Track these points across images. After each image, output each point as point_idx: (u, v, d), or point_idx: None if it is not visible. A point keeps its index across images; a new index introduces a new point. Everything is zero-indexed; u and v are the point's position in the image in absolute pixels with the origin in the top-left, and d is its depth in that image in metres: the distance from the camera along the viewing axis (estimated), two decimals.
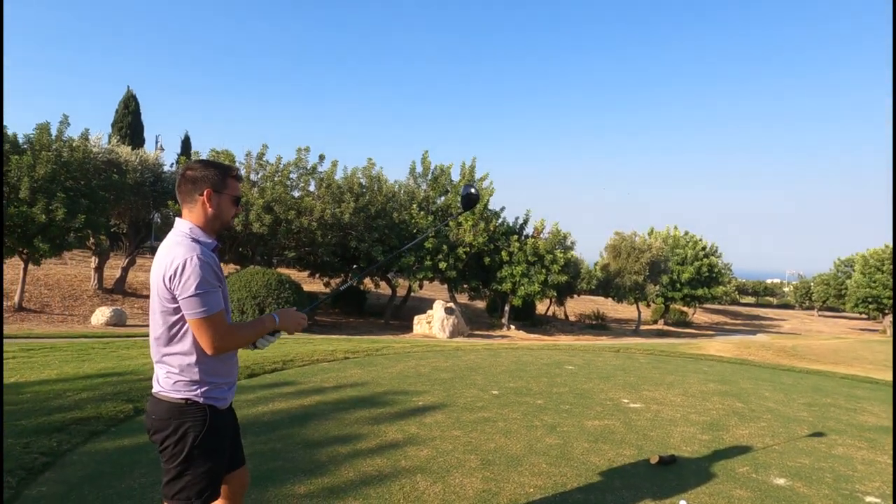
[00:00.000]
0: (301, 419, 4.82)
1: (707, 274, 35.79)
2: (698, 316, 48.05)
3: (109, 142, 20.53)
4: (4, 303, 16.14)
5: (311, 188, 20.95)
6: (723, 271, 38.66)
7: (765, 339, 26.99)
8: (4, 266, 17.43)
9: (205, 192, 2.06)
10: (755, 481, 3.91)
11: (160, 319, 2.02)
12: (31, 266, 16.36)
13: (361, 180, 22.26)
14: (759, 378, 7.98)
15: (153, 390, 2.11)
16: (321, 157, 21.11)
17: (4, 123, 15.14)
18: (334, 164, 21.37)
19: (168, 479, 2.04)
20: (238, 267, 20.19)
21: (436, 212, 23.31)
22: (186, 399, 2.02)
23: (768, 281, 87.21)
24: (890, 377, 10.44)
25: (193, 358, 2.01)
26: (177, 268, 1.92)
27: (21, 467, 3.44)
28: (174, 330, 2.01)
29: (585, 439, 4.63)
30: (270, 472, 3.65)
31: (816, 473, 4.14)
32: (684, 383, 7.19)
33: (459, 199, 3.00)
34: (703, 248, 36.57)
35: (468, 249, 22.18)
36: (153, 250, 31.04)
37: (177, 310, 1.97)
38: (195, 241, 2.01)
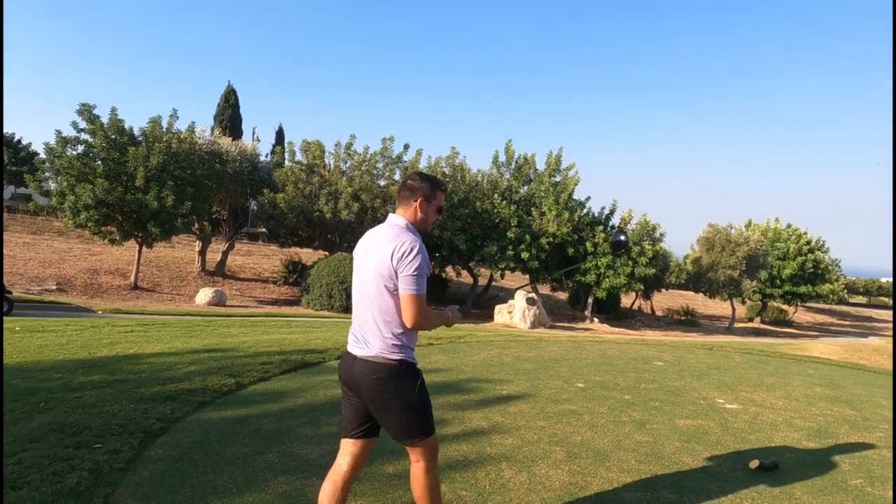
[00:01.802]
0: None
1: (812, 270, 33.19)
2: (799, 315, 44.78)
3: (212, 134, 21.94)
4: (121, 282, 17.76)
5: (397, 177, 21.41)
6: (830, 268, 35.72)
7: (878, 342, 24.71)
8: (124, 247, 19.12)
9: (418, 200, 2.47)
10: (871, 496, 3.60)
11: (382, 297, 2.37)
12: (144, 249, 17.88)
13: (445, 169, 22.47)
14: (873, 384, 7.32)
15: (362, 355, 2.43)
16: (406, 147, 21.52)
17: (122, 117, 16.53)
18: (419, 153, 21.75)
19: (401, 426, 2.41)
20: (327, 253, 21.02)
21: (518, 201, 23.11)
22: (401, 360, 2.40)
23: (883, 280, 79.57)
24: None
25: (404, 329, 2.39)
26: (405, 251, 2.30)
27: (142, 430, 3.77)
28: (394, 306, 2.36)
29: (677, 438, 4.44)
30: None
31: None
32: (786, 386, 6.72)
33: (609, 243, 3.10)
34: (808, 243, 33.92)
35: (551, 240, 21.86)
36: (250, 236, 32.95)
37: (397, 287, 2.33)
38: (414, 233, 2.43)
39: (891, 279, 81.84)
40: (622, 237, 3.16)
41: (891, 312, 61.31)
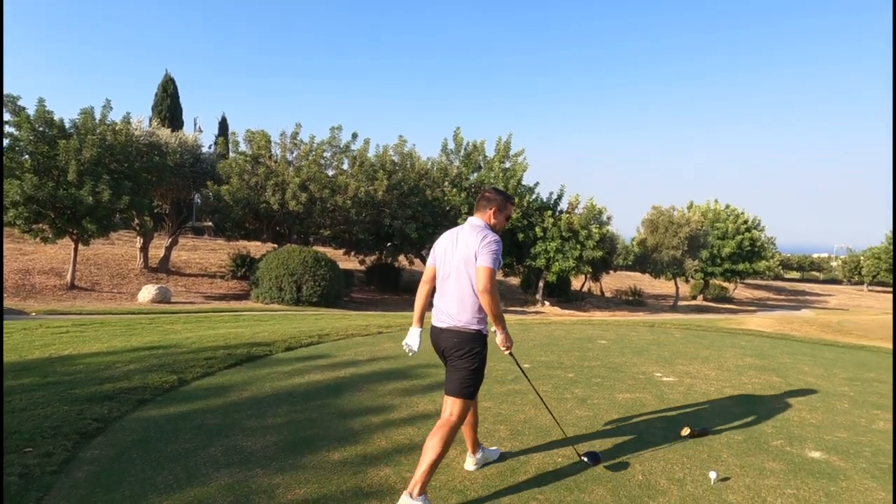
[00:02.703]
0: (336, 390, 4.96)
1: (749, 248, 34.84)
2: (739, 291, 46.93)
3: (150, 125, 21.05)
4: (57, 282, 16.95)
5: (345, 166, 21.15)
6: (766, 245, 37.55)
7: (809, 314, 26.22)
8: (58, 246, 18.22)
9: (493, 209, 3.20)
10: (789, 454, 3.87)
11: (467, 282, 3.05)
12: (81, 246, 17.09)
13: (394, 157, 22.34)
14: (798, 353, 7.80)
15: (447, 326, 3.11)
16: (354, 136, 21.25)
17: (50, 109, 15.66)
18: (367, 141, 21.50)
19: (458, 382, 3.06)
20: (275, 245, 20.63)
21: (468, 188, 23.25)
22: (478, 331, 3.08)
23: (815, 255, 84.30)
24: None
25: (480, 308, 3.05)
26: (488, 241, 3.00)
27: (76, 432, 3.66)
28: (474, 291, 3.02)
29: (616, 412, 4.64)
30: (307, 440, 3.79)
31: (854, 448, 4.06)
32: (720, 358, 7.09)
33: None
34: (745, 222, 35.55)
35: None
36: (195, 230, 31.94)
37: None
38: (495, 234, 3.11)
39: (823, 254, 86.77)
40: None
41: (824, 286, 65.01)
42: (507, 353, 3.21)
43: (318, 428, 4.02)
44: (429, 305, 3.35)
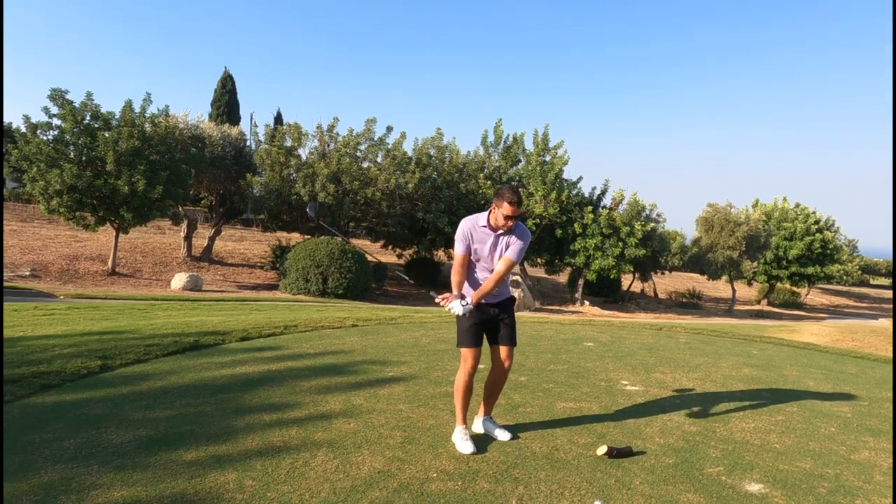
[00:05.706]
0: (253, 384, 4.70)
1: (819, 250, 32.10)
2: (813, 297, 43.69)
3: (212, 120, 21.72)
4: (100, 268, 17.78)
5: (379, 159, 21.07)
6: (840, 247, 34.54)
7: (882, 324, 23.82)
8: (101, 232, 19.14)
9: (494, 204, 3.65)
10: (720, 485, 3.25)
11: None
12: (129, 235, 17.85)
13: (431, 150, 22.03)
14: (814, 365, 6.87)
15: None
16: (389, 129, 21.11)
17: (97, 102, 16.43)
18: (403, 134, 21.30)
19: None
20: (309, 236, 20.84)
21: (506, 182, 22.63)
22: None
23: None
24: None
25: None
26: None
27: None
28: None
29: (541, 422, 4.12)
30: (176, 436, 3.54)
31: (810, 481, 3.38)
32: (713, 367, 6.32)
33: None
34: (817, 222, 32.76)
35: (539, 221, 21.38)
36: (245, 222, 32.95)
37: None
38: (474, 220, 3.76)
39: None
40: None
41: None
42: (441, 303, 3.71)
43: (199, 424, 3.76)
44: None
